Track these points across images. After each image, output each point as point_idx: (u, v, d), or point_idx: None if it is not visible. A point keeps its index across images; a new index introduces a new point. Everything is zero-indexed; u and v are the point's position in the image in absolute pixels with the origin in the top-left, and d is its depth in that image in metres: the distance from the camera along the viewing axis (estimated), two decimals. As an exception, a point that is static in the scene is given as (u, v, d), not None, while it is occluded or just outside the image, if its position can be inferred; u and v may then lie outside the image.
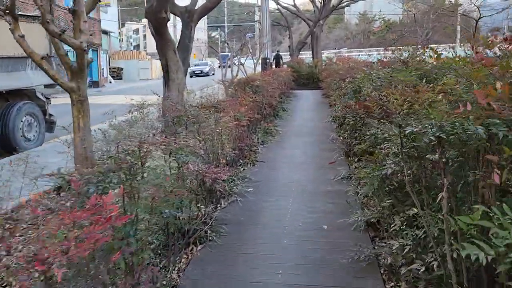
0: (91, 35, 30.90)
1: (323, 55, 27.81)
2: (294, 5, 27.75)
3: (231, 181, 6.23)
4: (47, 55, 9.45)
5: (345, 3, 27.34)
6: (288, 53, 28.25)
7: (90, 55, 30.07)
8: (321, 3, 25.64)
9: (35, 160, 4.93)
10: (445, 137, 2.42)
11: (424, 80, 4.59)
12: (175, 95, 10.99)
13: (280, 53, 27.36)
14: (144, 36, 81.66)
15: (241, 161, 7.43)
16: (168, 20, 10.13)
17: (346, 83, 6.94)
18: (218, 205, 5.34)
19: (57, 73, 5.79)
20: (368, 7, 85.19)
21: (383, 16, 78.54)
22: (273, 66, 22.58)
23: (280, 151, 8.54)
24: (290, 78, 17.87)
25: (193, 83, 22.27)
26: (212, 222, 4.68)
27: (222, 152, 6.17)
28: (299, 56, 27.02)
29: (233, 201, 5.62)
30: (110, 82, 35.32)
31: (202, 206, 4.55)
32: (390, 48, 9.31)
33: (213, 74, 41.48)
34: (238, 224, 4.88)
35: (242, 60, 17.29)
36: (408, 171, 3.10)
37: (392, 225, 3.51)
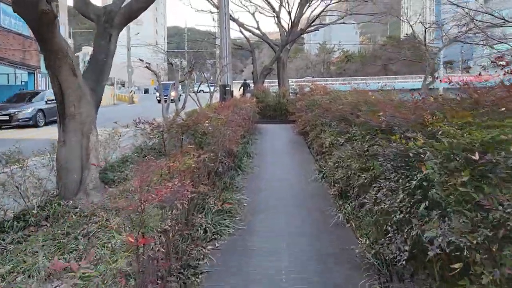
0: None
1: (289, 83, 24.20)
2: (258, 28, 24.07)
3: None
4: None
5: (314, 27, 24.01)
6: (252, 80, 24.38)
7: (25, 78, 24.48)
8: (289, 25, 22.11)
9: None
10: None
11: None
12: (75, 142, 6.60)
13: (248, 81, 24.20)
14: (102, 61, 75.96)
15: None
16: (56, 17, 5.78)
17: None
18: None
19: None
20: (327, 38, 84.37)
21: (342, 47, 77.70)
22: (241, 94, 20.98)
23: (250, 262, 4.24)
24: (255, 110, 13.81)
25: (124, 115, 17.84)
26: None
27: None
28: (264, 84, 23.18)
29: None
30: (50, 109, 29.91)
31: None
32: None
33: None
34: None
35: (195, 87, 13.12)
36: None
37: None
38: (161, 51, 9.23)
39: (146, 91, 68.80)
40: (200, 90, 16.56)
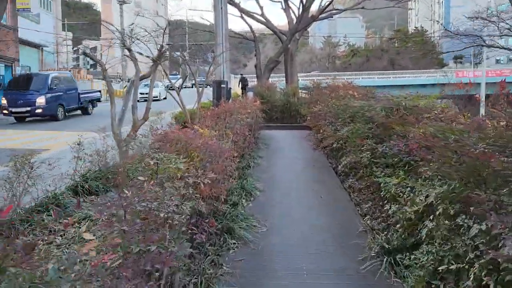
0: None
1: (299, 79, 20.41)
2: (263, 15, 20.20)
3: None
4: None
5: (326, 13, 20.09)
6: (255, 75, 20.54)
7: (2, 71, 20.74)
8: (299, 9, 18.25)
9: None
10: None
11: None
12: None
13: (245, 76, 21.01)
14: (101, 54, 71.98)
15: None
16: None
17: None
18: None
19: None
20: (332, 31, 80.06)
21: (348, 41, 73.40)
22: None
23: None
24: (258, 115, 10.06)
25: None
26: None
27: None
28: (269, 80, 19.38)
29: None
30: (31, 106, 26.21)
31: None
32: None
33: None
34: None
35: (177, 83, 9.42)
36: None
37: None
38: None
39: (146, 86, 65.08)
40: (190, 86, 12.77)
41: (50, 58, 35.28)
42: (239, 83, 23.07)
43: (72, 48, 75.30)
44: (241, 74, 26.44)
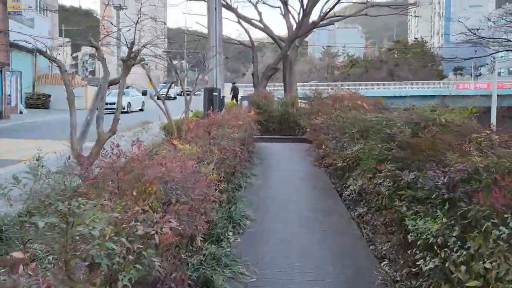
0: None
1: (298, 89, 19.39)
2: (261, 21, 19.25)
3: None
4: None
5: (327, 20, 19.12)
6: (252, 83, 19.47)
7: None
8: (299, 14, 17.27)
9: None
10: None
11: None
12: None
13: (237, 84, 20.27)
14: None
15: None
16: None
17: None
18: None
19: None
20: (332, 41, 79.54)
21: (347, 51, 72.71)
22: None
23: None
24: (253, 127, 8.97)
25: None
26: None
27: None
28: (267, 88, 18.28)
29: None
30: (21, 113, 25.23)
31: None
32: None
33: None
34: None
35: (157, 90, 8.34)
36: None
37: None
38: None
39: (144, 93, 64.02)
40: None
41: (44, 63, 34.22)
42: (230, 92, 22.12)
43: (71, 54, 74.40)
44: (233, 83, 25.30)
